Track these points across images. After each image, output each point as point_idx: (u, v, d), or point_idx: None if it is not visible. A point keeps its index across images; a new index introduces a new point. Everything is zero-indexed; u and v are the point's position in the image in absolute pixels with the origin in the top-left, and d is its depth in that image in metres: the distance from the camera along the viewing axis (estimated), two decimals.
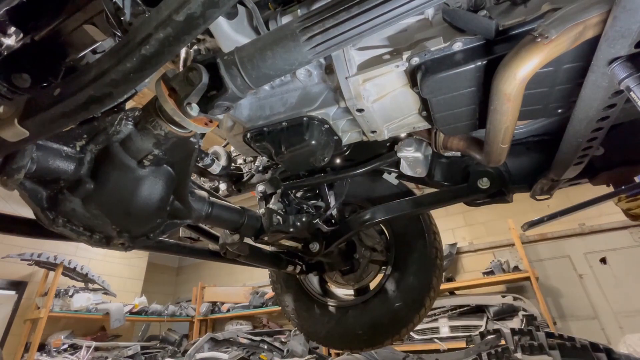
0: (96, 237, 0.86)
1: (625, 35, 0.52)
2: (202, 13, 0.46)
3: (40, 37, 0.80)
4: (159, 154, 0.76)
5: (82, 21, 0.79)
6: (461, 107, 0.80)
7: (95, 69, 0.54)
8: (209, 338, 3.96)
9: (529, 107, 0.76)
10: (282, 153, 0.97)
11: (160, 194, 0.84)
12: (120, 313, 4.39)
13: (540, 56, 0.59)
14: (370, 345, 1.65)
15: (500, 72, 0.64)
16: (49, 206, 0.77)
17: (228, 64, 0.59)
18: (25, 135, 0.60)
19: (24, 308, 4.46)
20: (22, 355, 3.95)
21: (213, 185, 1.59)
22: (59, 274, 4.17)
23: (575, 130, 0.75)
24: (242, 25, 0.79)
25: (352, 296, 1.80)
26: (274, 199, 1.26)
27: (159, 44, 0.49)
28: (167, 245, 1.40)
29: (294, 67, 0.58)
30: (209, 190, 1.17)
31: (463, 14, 0.68)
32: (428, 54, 0.72)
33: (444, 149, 1.04)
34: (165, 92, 0.62)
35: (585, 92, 0.65)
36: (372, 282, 1.73)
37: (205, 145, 1.47)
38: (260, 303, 4.86)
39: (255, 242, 1.31)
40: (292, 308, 1.84)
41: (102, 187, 0.77)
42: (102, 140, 0.75)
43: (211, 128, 0.69)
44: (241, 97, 0.62)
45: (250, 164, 1.51)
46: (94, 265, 4.75)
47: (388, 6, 0.49)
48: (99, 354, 4.16)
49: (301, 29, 0.53)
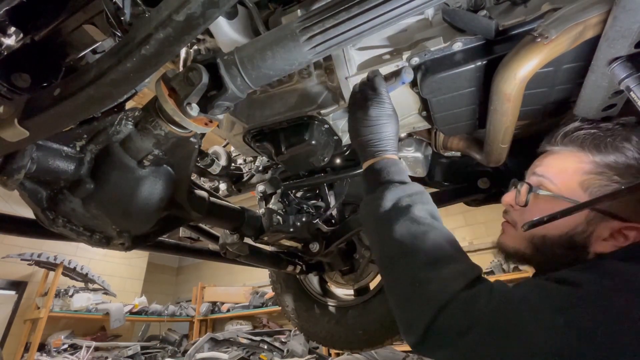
0: (96, 237, 0.86)
1: (625, 35, 0.52)
2: (202, 13, 0.46)
3: (40, 37, 0.80)
4: (159, 154, 0.76)
5: (82, 21, 0.79)
6: (461, 107, 0.80)
7: (95, 69, 0.54)
8: (209, 338, 3.96)
9: (529, 107, 0.76)
10: (282, 153, 0.97)
11: (160, 194, 0.84)
12: (120, 313, 4.39)
13: (540, 56, 0.59)
14: (370, 345, 1.65)
15: (500, 72, 0.64)
16: (49, 206, 0.77)
17: (228, 64, 0.59)
18: (25, 135, 0.60)
19: (24, 308, 4.46)
20: (22, 355, 3.94)
21: (213, 185, 1.59)
22: (59, 274, 4.17)
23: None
24: (242, 25, 0.79)
25: (352, 296, 1.80)
26: (274, 199, 1.26)
27: (159, 44, 0.49)
28: (167, 245, 1.40)
29: (294, 67, 0.58)
30: (209, 190, 1.17)
31: (463, 14, 0.68)
32: (428, 54, 0.72)
33: (444, 149, 1.04)
34: (165, 92, 0.62)
35: (585, 92, 0.65)
36: (372, 282, 1.73)
37: (205, 145, 1.47)
38: (260, 303, 4.85)
39: (255, 242, 1.31)
40: (292, 308, 1.84)
41: (102, 187, 0.77)
42: (102, 140, 0.75)
43: (211, 128, 0.69)
44: (241, 97, 0.62)
45: (250, 164, 1.51)
46: (94, 265, 4.75)
47: (388, 6, 0.49)
48: (99, 354, 4.16)
49: (301, 29, 0.53)
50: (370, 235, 0.68)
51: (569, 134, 0.67)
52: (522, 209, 0.67)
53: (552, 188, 0.65)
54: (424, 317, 0.50)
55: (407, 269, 0.56)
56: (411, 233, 0.58)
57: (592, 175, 0.61)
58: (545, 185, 0.66)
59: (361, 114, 0.71)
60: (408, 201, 0.62)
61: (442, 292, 0.50)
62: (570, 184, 0.63)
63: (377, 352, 2.87)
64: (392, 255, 0.60)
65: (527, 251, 0.67)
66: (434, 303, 0.50)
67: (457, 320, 0.48)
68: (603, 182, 0.60)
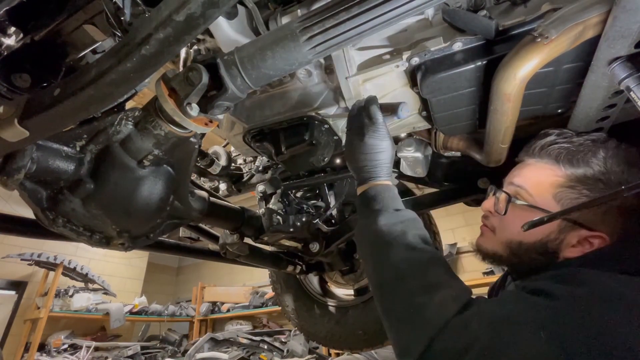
0: (96, 237, 0.86)
1: (625, 35, 0.52)
2: (202, 13, 0.46)
3: (40, 37, 0.80)
4: (159, 154, 0.76)
5: (82, 21, 0.79)
6: (461, 107, 0.80)
7: (95, 69, 0.54)
8: (209, 338, 3.96)
9: (529, 107, 0.76)
10: (282, 153, 0.97)
11: (160, 194, 0.84)
12: (120, 313, 4.39)
13: (540, 56, 0.59)
14: (370, 345, 1.65)
15: (500, 72, 0.64)
16: (49, 206, 0.77)
17: (228, 64, 0.59)
18: (25, 135, 0.60)
19: (24, 308, 4.46)
20: (22, 355, 3.94)
21: (213, 185, 1.59)
22: (59, 274, 4.17)
23: (575, 130, 0.75)
24: (242, 25, 0.79)
25: (352, 296, 1.80)
26: (274, 199, 1.26)
27: (159, 44, 0.49)
28: (167, 245, 1.40)
29: (294, 67, 0.58)
30: (209, 190, 1.17)
31: (463, 14, 0.68)
32: (428, 54, 0.72)
33: (444, 149, 1.04)
34: (165, 92, 0.62)
35: (585, 92, 0.65)
36: None
37: (205, 145, 1.47)
38: (260, 303, 4.85)
39: (255, 242, 1.31)
40: (292, 308, 1.84)
41: (102, 187, 0.77)
42: (102, 140, 0.75)
43: (211, 128, 0.69)
44: (241, 97, 0.62)
45: (250, 164, 1.51)
46: (94, 265, 4.75)
47: (388, 6, 0.49)
48: (99, 354, 4.16)
49: (301, 29, 0.53)
50: (365, 260, 0.71)
51: (545, 147, 0.72)
52: (500, 215, 0.73)
53: (528, 199, 0.70)
54: (419, 343, 0.52)
55: (401, 293, 0.59)
56: (405, 258, 0.61)
57: (564, 188, 0.67)
58: (522, 196, 0.71)
59: (357, 141, 0.75)
60: (401, 227, 0.66)
61: (437, 318, 0.52)
62: (545, 195, 0.69)
63: (377, 352, 2.87)
64: (386, 279, 0.62)
65: (504, 254, 0.72)
66: (429, 328, 0.52)
67: (452, 344, 0.50)
68: (574, 195, 0.66)
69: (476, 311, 0.52)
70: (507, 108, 0.68)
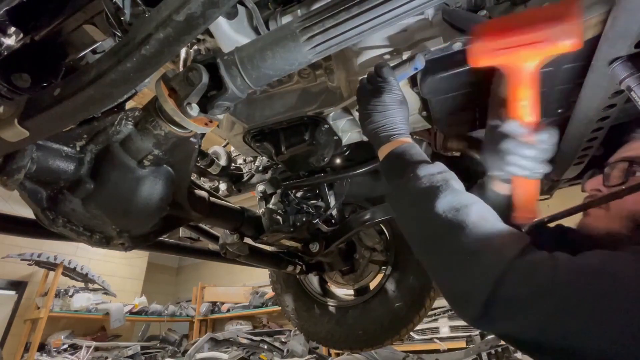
0: (96, 237, 0.86)
1: (625, 35, 0.52)
2: (202, 13, 0.46)
3: (40, 37, 0.80)
4: (159, 154, 0.76)
5: (82, 21, 0.79)
6: (461, 107, 0.80)
7: (95, 69, 0.54)
8: (209, 338, 3.96)
9: None
10: (282, 153, 0.97)
11: (160, 194, 0.84)
12: (120, 313, 4.39)
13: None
14: (370, 345, 1.65)
15: (501, 72, 0.64)
16: (49, 206, 0.77)
17: (228, 64, 0.59)
18: (25, 135, 0.60)
19: (24, 308, 4.46)
20: (22, 355, 3.94)
21: (213, 185, 1.59)
22: (59, 274, 4.17)
23: (575, 130, 0.75)
24: (242, 25, 0.79)
25: (352, 296, 1.80)
26: (274, 199, 1.26)
27: (159, 44, 0.49)
28: (167, 245, 1.40)
29: (294, 67, 0.58)
30: (209, 190, 1.17)
31: (463, 14, 0.68)
32: (428, 54, 0.72)
33: (444, 149, 1.04)
34: (165, 92, 0.62)
35: (585, 92, 0.65)
36: (372, 282, 1.73)
37: (205, 145, 1.47)
38: (260, 303, 4.85)
39: (255, 242, 1.31)
40: (292, 308, 1.84)
41: (102, 187, 0.77)
42: (102, 140, 0.75)
43: (211, 128, 0.69)
44: (241, 97, 0.62)
45: (250, 164, 1.51)
46: (94, 265, 4.74)
47: (388, 6, 0.49)
48: (99, 354, 4.16)
49: (301, 29, 0.53)
50: (407, 218, 0.67)
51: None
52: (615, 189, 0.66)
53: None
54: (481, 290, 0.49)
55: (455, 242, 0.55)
56: (454, 207, 0.57)
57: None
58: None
59: (373, 101, 0.71)
60: (442, 177, 0.62)
61: (498, 262, 0.49)
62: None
63: (377, 352, 2.88)
64: (436, 232, 0.58)
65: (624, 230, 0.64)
66: (491, 274, 0.49)
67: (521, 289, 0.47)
68: None
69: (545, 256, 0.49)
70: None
